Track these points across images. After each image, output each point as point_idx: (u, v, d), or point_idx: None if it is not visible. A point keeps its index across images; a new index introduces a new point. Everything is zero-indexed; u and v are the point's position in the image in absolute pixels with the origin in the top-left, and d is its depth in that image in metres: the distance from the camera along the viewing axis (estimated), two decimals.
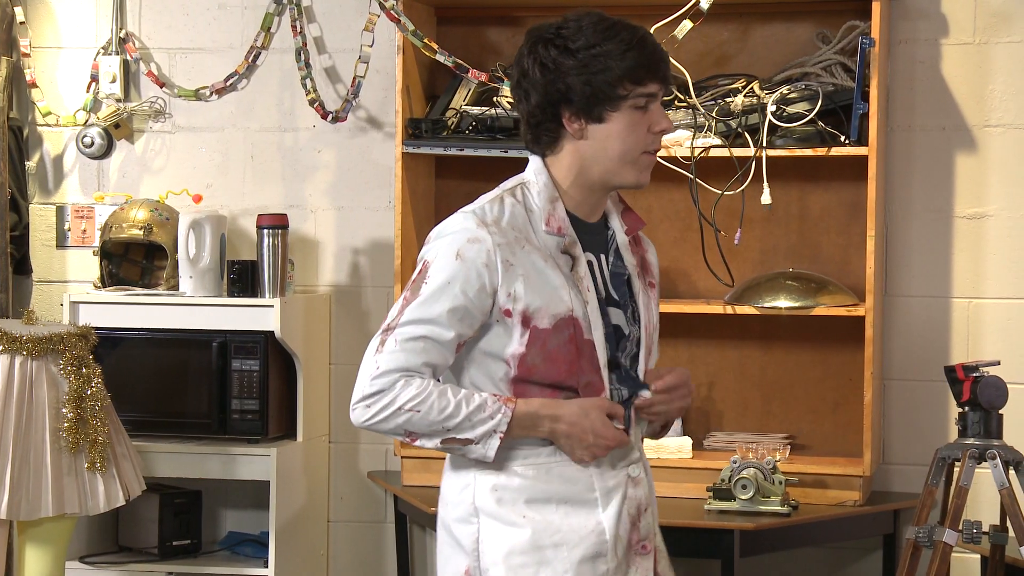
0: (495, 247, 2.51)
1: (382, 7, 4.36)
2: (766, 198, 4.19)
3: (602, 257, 2.63)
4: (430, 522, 4.39)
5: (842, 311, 4.18)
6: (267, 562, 4.38)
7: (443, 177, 4.63)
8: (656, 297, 2.71)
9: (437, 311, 2.50)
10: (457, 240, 2.53)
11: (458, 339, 2.52)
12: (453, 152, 4.33)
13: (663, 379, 2.63)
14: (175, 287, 4.56)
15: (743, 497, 3.98)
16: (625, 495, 2.59)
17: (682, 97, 4.30)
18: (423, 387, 2.51)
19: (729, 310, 4.25)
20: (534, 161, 2.64)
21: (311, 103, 4.61)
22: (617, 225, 2.67)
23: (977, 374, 3.71)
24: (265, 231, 4.45)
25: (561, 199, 2.60)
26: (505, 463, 2.56)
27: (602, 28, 2.54)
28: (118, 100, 4.80)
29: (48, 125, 4.86)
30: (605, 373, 2.57)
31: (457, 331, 2.51)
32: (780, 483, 4.00)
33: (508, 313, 2.51)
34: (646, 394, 2.63)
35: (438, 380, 2.56)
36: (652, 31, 4.14)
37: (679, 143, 4.23)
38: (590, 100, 2.52)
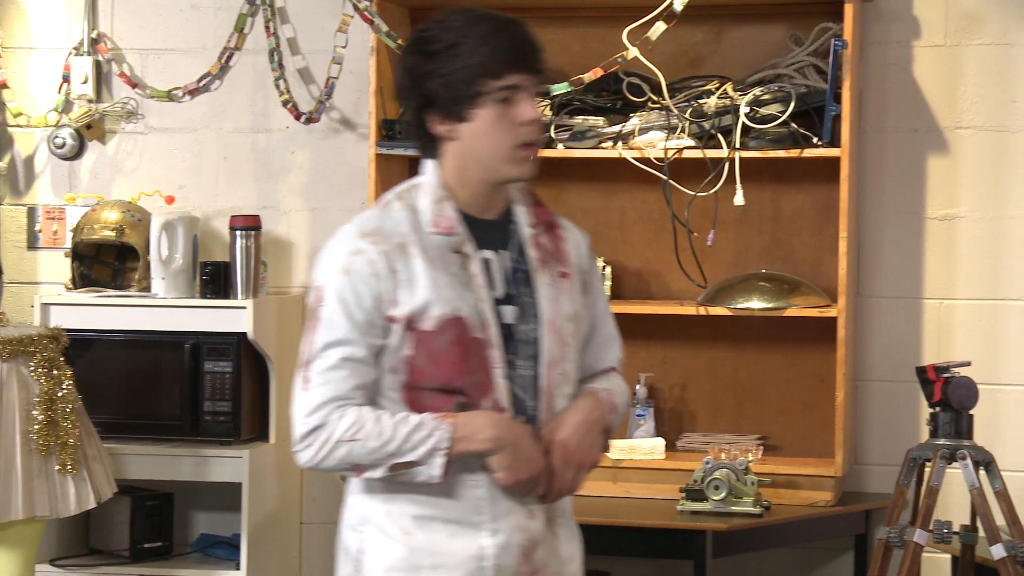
0: (378, 255, 2.49)
1: (356, 8, 4.35)
2: (739, 199, 4.20)
3: (502, 254, 2.58)
4: None
5: (814, 312, 4.19)
6: (239, 564, 4.37)
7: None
8: (571, 289, 2.63)
9: (343, 330, 2.48)
10: (340, 256, 2.51)
11: (373, 352, 2.50)
12: None
13: (553, 455, 2.54)
14: (147, 289, 4.54)
15: (715, 498, 3.98)
16: (518, 525, 2.53)
17: (655, 98, 4.31)
18: (357, 416, 2.48)
19: (702, 311, 4.26)
20: (427, 163, 2.61)
21: (284, 104, 4.60)
22: (523, 219, 2.62)
23: (948, 375, 3.72)
24: (238, 232, 4.44)
25: (451, 198, 2.56)
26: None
27: (462, 24, 2.49)
28: (90, 101, 4.78)
29: (19, 126, 4.84)
30: (499, 371, 2.51)
31: (368, 344, 2.49)
32: (752, 484, 4.01)
33: (392, 319, 2.49)
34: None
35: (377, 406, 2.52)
36: (625, 32, 4.17)
37: (652, 144, 4.24)
38: (452, 101, 2.49)
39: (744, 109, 4.18)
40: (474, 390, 2.50)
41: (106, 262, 4.67)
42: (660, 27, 4.13)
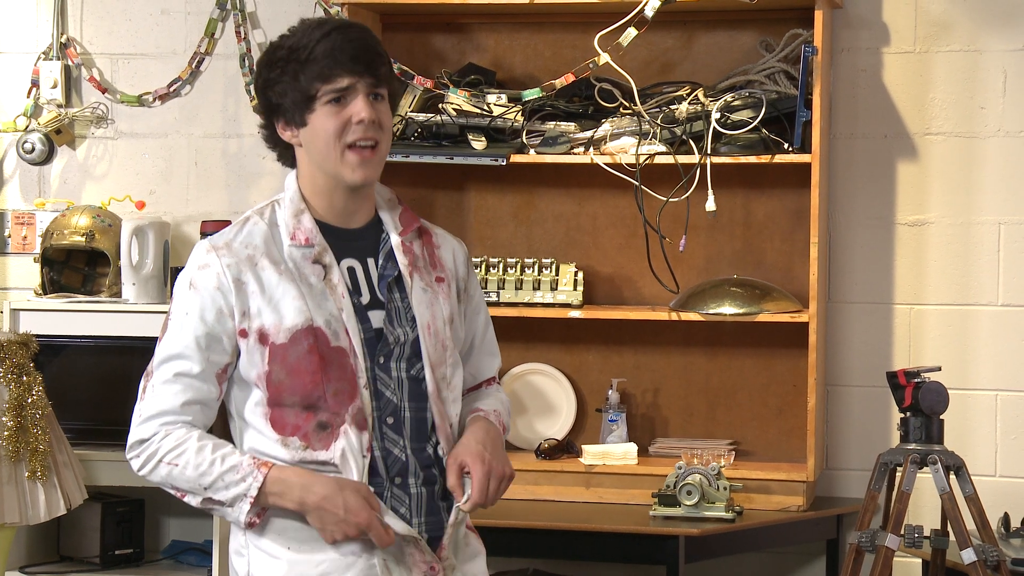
0: (224, 268, 2.50)
1: (327, 13, 4.34)
2: (711, 205, 4.21)
3: (369, 261, 2.59)
4: None
5: (786, 317, 4.21)
6: (211, 571, 4.35)
7: (388, 184, 4.58)
8: (448, 293, 2.64)
9: (182, 345, 2.51)
10: (189, 271, 2.55)
11: (212, 368, 2.52)
12: (399, 159, 4.32)
13: (474, 489, 2.53)
14: (117, 294, 4.52)
15: (688, 503, 3.99)
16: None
17: (627, 104, 4.32)
18: (181, 439, 2.51)
19: (674, 316, 4.27)
20: (289, 176, 2.64)
21: (255, 109, 4.58)
22: (390, 225, 2.64)
23: (919, 380, 3.74)
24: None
25: (308, 210, 2.57)
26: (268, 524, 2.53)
27: (301, 31, 2.53)
28: (59, 106, 4.76)
29: None
30: (362, 380, 2.51)
31: (206, 360, 2.51)
32: (725, 489, 4.02)
33: (244, 333, 2.51)
34: (462, 506, 2.55)
35: (207, 431, 2.55)
36: (597, 38, 4.18)
37: (624, 150, 4.25)
38: (292, 106, 2.52)
39: (715, 115, 4.19)
40: (335, 400, 2.50)
41: (76, 267, 4.65)
42: (631, 33, 4.14)
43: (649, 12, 4.12)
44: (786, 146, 4.18)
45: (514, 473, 2.62)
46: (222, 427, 2.65)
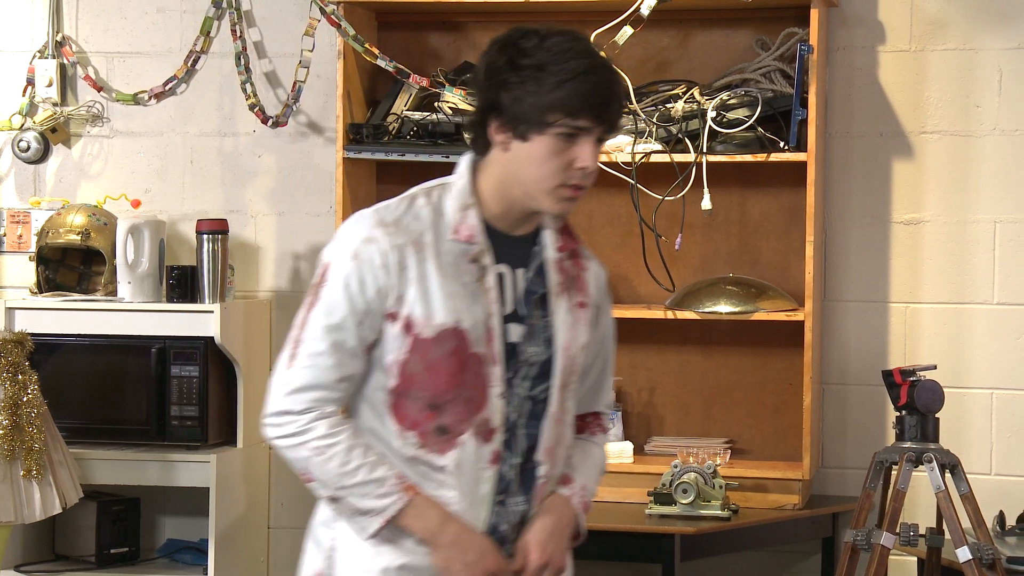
0: (391, 248, 2.44)
1: (323, 12, 4.34)
2: (706, 203, 4.22)
3: (518, 272, 2.53)
4: None
5: (782, 316, 4.21)
6: (207, 570, 4.35)
7: (384, 182, 4.62)
8: (587, 319, 2.59)
9: (340, 316, 2.45)
10: (353, 240, 2.47)
11: (363, 343, 2.46)
12: (394, 157, 4.32)
13: (530, 555, 2.52)
14: (113, 293, 4.52)
15: (684, 501, 3.99)
16: None
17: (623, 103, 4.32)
18: (335, 430, 2.45)
19: (670, 315, 4.27)
20: (462, 163, 2.55)
21: (251, 108, 4.59)
22: (549, 241, 2.57)
23: (914, 378, 3.75)
24: (205, 236, 4.42)
25: (478, 206, 2.50)
26: None
27: (558, 50, 2.42)
28: (55, 104, 4.76)
29: None
30: (496, 390, 2.46)
31: (360, 336, 2.45)
32: (720, 487, 4.02)
33: (393, 317, 2.45)
34: None
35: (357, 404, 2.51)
36: (592, 37, 4.17)
37: (620, 148, 4.25)
38: (518, 117, 2.42)
39: (711, 113, 4.19)
40: (463, 407, 2.46)
41: (72, 266, 4.65)
42: (627, 31, 4.14)
43: (645, 10, 4.12)
44: (782, 144, 4.18)
45: (566, 565, 2.61)
46: None
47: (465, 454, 2.46)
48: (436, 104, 4.37)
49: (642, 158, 4.23)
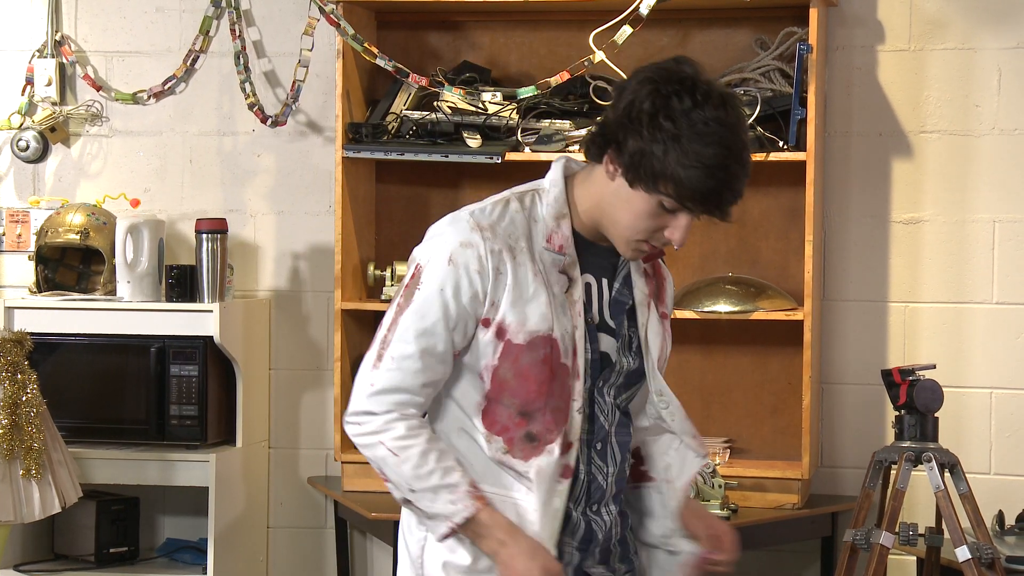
0: (487, 253, 2.41)
1: (322, 11, 4.34)
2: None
3: (604, 281, 2.50)
4: (371, 527, 4.38)
5: (781, 315, 4.21)
6: (206, 569, 4.35)
7: (383, 182, 4.62)
8: (667, 330, 2.60)
9: (431, 320, 2.41)
10: (448, 244, 2.42)
11: (453, 349, 2.43)
12: (393, 156, 4.32)
13: (722, 542, 2.57)
14: (112, 292, 4.52)
15: None
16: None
17: None
18: (412, 432, 2.43)
19: None
20: (555, 169, 2.50)
21: (250, 107, 4.59)
22: None
23: (913, 378, 3.75)
24: (204, 236, 4.42)
25: (570, 216, 2.47)
26: None
27: (702, 127, 2.33)
28: (54, 103, 4.75)
29: None
30: (576, 404, 2.45)
31: (451, 341, 2.42)
32: (720, 487, 4.02)
33: (487, 323, 2.42)
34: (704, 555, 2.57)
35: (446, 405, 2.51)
36: (592, 36, 4.17)
37: None
38: (634, 167, 2.37)
39: None
40: (552, 416, 2.44)
41: (71, 265, 4.65)
42: (626, 31, 4.14)
43: (644, 10, 4.12)
44: (781, 144, 4.18)
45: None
46: None
47: (547, 464, 2.45)
48: (435, 103, 4.37)
49: None
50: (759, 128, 4.19)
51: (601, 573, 2.55)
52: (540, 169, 4.56)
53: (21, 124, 4.76)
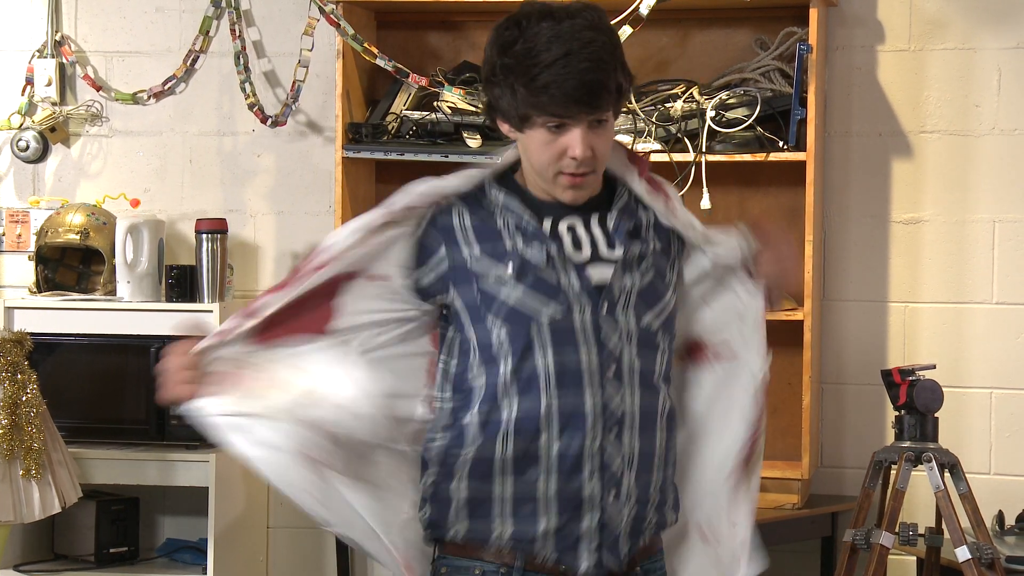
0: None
1: (322, 11, 4.34)
2: (705, 203, 4.22)
3: (593, 217, 2.51)
4: None
5: (781, 315, 4.21)
6: (206, 569, 4.35)
7: (383, 182, 4.62)
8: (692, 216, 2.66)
9: None
10: None
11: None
12: (393, 157, 4.32)
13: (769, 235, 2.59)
14: (112, 292, 4.52)
15: None
16: None
17: None
18: None
19: None
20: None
21: (250, 107, 4.59)
22: (633, 183, 2.56)
23: (913, 378, 3.75)
24: (204, 236, 4.42)
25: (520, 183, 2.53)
26: None
27: (532, 42, 2.38)
28: (54, 103, 4.75)
29: None
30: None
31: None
32: None
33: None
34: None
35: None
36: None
37: None
38: (506, 113, 2.45)
39: (710, 113, 4.20)
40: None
41: (71, 266, 4.65)
42: (626, 31, 4.14)
43: (644, 10, 4.12)
44: (781, 144, 4.18)
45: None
46: None
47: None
48: (435, 104, 4.37)
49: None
50: (759, 128, 4.19)
51: (627, 512, 2.46)
52: None
53: (21, 124, 4.76)
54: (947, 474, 3.70)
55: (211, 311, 4.35)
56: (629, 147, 2.63)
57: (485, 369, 2.44)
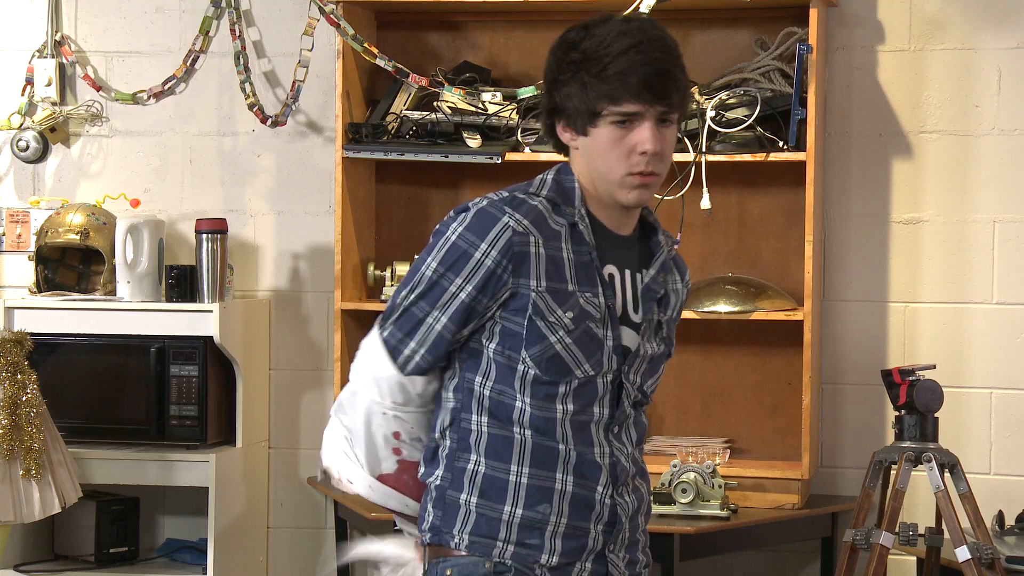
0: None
1: (322, 11, 4.34)
2: (705, 203, 4.22)
3: (627, 272, 2.48)
4: (371, 528, 4.37)
5: (781, 316, 4.21)
6: (206, 569, 4.35)
7: (383, 182, 4.62)
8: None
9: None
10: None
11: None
12: (393, 157, 4.33)
13: None
14: (112, 292, 4.52)
15: (683, 501, 3.99)
16: None
17: None
18: None
19: None
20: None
21: (250, 107, 4.59)
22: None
23: (913, 378, 3.75)
24: (204, 236, 4.42)
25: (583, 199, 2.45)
26: None
27: (600, 37, 2.37)
28: (54, 104, 4.75)
29: None
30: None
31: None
32: (720, 487, 4.02)
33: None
34: None
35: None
36: None
37: None
38: (572, 114, 2.40)
39: (710, 113, 4.20)
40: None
41: (71, 266, 4.65)
42: None
43: (644, 10, 4.12)
44: (781, 144, 4.18)
45: None
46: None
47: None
48: (435, 104, 4.37)
49: None
50: (759, 128, 4.19)
51: (622, 558, 2.51)
52: (540, 169, 4.55)
53: (21, 124, 4.76)
54: (947, 474, 3.70)
55: (211, 311, 4.35)
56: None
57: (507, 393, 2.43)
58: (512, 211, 2.39)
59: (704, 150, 4.20)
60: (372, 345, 2.46)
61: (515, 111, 4.32)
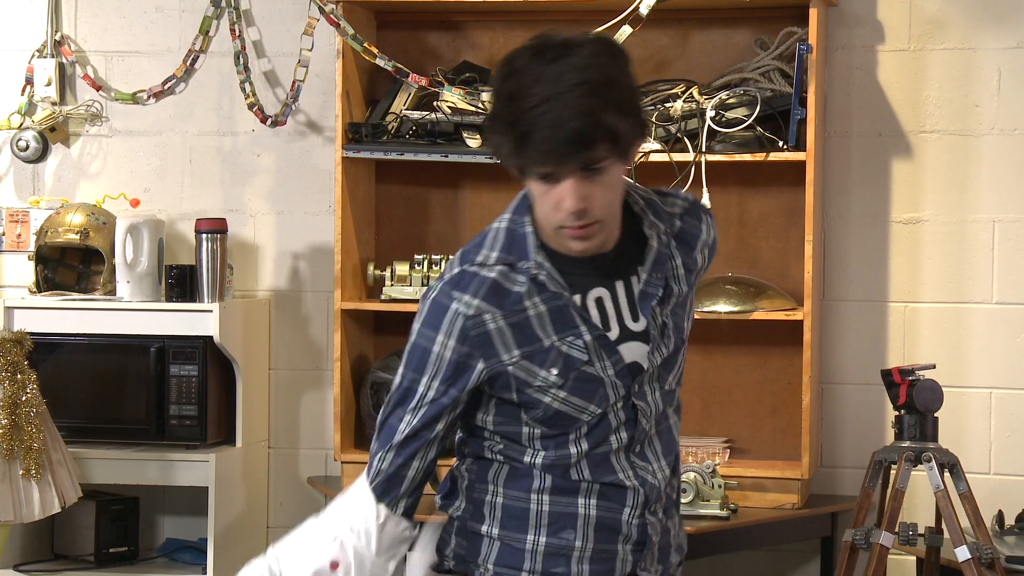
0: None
1: (322, 11, 4.34)
2: (705, 202, 4.22)
3: (618, 285, 2.35)
4: None
5: (781, 315, 4.21)
6: (206, 569, 4.35)
7: (383, 182, 4.62)
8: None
9: None
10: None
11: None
12: (393, 156, 4.33)
13: None
14: (112, 292, 4.52)
15: (683, 501, 3.99)
16: None
17: None
18: None
19: None
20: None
21: (250, 107, 4.59)
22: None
23: (913, 378, 3.75)
24: (204, 236, 4.42)
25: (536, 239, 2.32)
26: None
27: (511, 94, 2.19)
28: (53, 103, 4.75)
29: None
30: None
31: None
32: (719, 487, 4.02)
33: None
34: None
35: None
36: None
37: None
38: (505, 161, 2.26)
39: (710, 113, 4.20)
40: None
41: (71, 265, 4.65)
42: (626, 31, 4.14)
43: (644, 10, 4.12)
44: (781, 144, 4.18)
45: None
46: None
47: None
48: (435, 103, 4.37)
49: (641, 157, 4.23)
50: (759, 128, 4.19)
51: (655, 570, 2.44)
52: None
53: (21, 124, 4.76)
54: (947, 474, 3.70)
55: (211, 311, 4.35)
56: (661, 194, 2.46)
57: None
58: (460, 294, 2.29)
59: (704, 150, 4.20)
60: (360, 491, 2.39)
61: None
